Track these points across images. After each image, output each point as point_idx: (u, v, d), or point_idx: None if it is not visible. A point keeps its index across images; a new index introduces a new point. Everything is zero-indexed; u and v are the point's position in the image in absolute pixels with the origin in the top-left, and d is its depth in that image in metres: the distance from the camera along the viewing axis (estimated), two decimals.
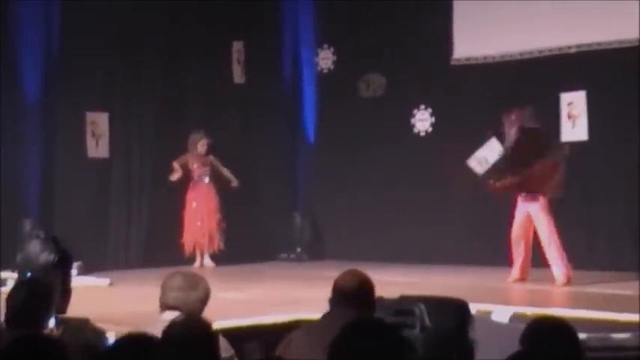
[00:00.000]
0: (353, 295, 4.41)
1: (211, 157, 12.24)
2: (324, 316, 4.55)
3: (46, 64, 11.47)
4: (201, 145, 12.18)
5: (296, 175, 13.54)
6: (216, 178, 12.27)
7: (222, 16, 12.70)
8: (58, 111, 11.55)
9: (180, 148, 12.34)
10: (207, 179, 12.20)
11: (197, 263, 12.08)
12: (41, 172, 11.41)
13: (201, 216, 12.11)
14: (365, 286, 4.51)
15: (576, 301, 8.17)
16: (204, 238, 12.12)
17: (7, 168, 11.10)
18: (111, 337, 4.67)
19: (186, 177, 12.18)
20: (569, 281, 9.60)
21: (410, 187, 12.32)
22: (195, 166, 12.18)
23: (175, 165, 12.03)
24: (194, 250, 12.13)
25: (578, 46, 11.22)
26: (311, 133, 13.54)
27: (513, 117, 9.88)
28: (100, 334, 4.65)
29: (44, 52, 11.44)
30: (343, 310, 4.31)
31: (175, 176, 12.01)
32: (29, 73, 11.32)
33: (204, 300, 4.54)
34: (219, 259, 12.21)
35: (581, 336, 4.67)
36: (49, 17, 11.46)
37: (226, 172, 12.26)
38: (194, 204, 12.15)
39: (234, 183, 12.26)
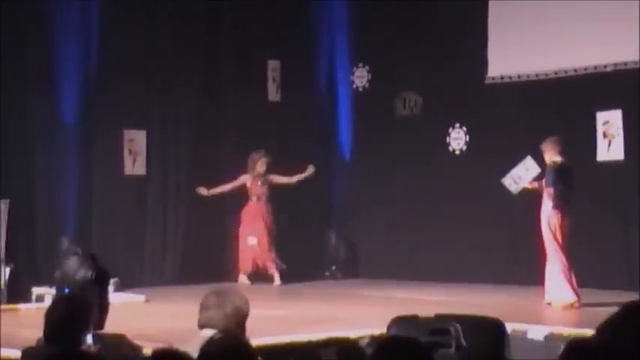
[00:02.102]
0: None
1: (271, 176, 12.23)
2: None
3: (84, 82, 11.58)
4: (261, 165, 12.16)
5: (331, 193, 13.55)
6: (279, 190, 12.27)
7: (259, 35, 12.77)
8: (95, 129, 11.66)
9: (216, 165, 12.42)
10: (261, 200, 12.20)
11: (244, 279, 12.07)
12: (78, 189, 11.50)
13: (257, 235, 12.09)
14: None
15: None
16: (260, 258, 12.11)
17: (44, 185, 11.22)
18: (147, 354, 4.70)
19: (243, 196, 12.24)
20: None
21: (445, 206, 12.30)
22: (252, 185, 12.18)
23: (207, 192, 12.03)
24: (251, 269, 12.13)
25: (615, 64, 11.17)
26: (346, 151, 13.56)
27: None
28: (137, 351, 4.68)
29: (82, 70, 11.56)
30: None
31: (205, 192, 12.02)
32: (67, 92, 11.43)
33: (235, 317, 4.52)
34: (252, 277, 12.24)
35: None
36: (87, 36, 11.58)
37: (290, 178, 12.24)
38: (249, 224, 12.13)
39: (309, 171, 12.24)
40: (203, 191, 12.03)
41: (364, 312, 9.14)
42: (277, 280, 12.11)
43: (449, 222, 12.26)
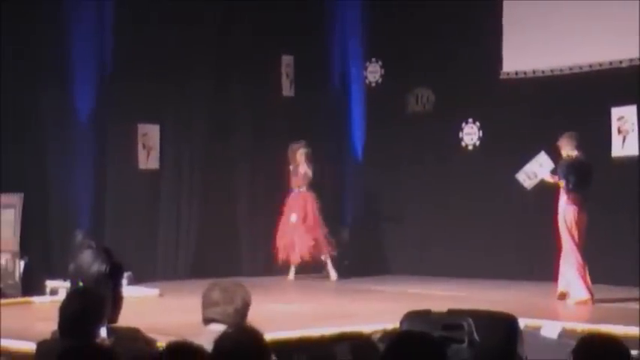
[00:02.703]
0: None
1: (303, 167, 12.11)
2: None
3: (98, 77, 11.62)
4: (300, 155, 12.11)
5: (344, 188, 13.55)
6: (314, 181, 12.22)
7: (272, 31, 12.77)
8: (109, 123, 11.69)
9: (229, 159, 12.43)
10: (302, 190, 12.11)
11: (291, 275, 11.98)
12: (92, 183, 11.54)
13: (302, 227, 11.97)
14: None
15: (627, 318, 8.06)
16: (303, 249, 11.95)
17: (59, 179, 11.27)
18: (161, 347, 4.71)
19: (286, 186, 12.21)
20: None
21: (457, 202, 12.29)
22: (294, 176, 12.15)
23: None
24: (288, 261, 12.00)
25: (630, 60, 11.12)
26: (359, 146, 13.56)
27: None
28: (151, 344, 4.70)
29: (96, 64, 11.59)
30: None
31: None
32: (81, 86, 11.47)
33: (243, 311, 4.54)
34: (265, 271, 12.25)
35: (634, 352, 4.63)
36: (102, 31, 11.61)
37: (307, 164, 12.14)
38: (293, 215, 12.04)
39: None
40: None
41: (377, 307, 9.15)
42: (332, 275, 12.05)
43: (461, 218, 12.25)
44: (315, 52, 13.26)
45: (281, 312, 8.92)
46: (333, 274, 12.05)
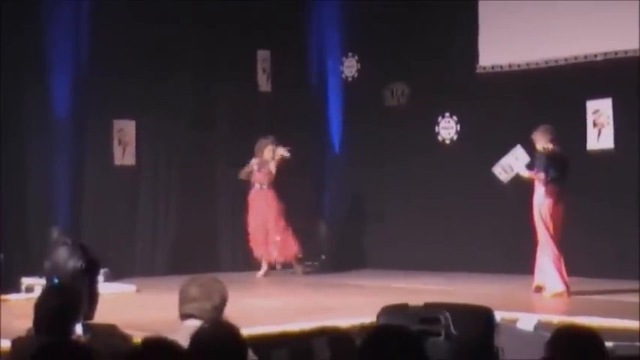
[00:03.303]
0: None
1: (271, 164, 11.86)
2: None
3: (75, 72, 11.57)
4: (268, 152, 11.85)
5: (321, 183, 13.56)
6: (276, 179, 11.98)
7: (249, 26, 12.75)
8: (86, 119, 11.65)
9: (206, 155, 12.41)
10: (265, 186, 11.87)
11: (262, 272, 11.82)
12: (69, 179, 11.49)
13: (265, 226, 11.79)
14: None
15: (603, 310, 8.13)
16: (271, 248, 11.84)
17: (35, 176, 11.22)
18: (137, 343, 4.70)
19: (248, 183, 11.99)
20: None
21: (435, 195, 12.32)
22: (256, 171, 11.89)
23: (245, 174, 11.85)
24: (261, 258, 11.88)
25: (605, 54, 11.19)
26: (336, 141, 13.57)
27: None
28: (128, 341, 4.69)
29: (73, 59, 11.55)
30: None
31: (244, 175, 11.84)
32: (57, 81, 11.42)
33: (221, 307, 4.55)
34: (243, 267, 12.24)
35: (608, 344, 4.66)
36: (78, 25, 11.56)
37: (275, 161, 11.89)
38: (257, 213, 11.83)
39: (284, 153, 11.86)
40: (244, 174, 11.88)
41: (355, 301, 9.16)
42: (299, 272, 12.01)
43: (439, 212, 12.28)
44: (291, 48, 13.25)
45: (260, 307, 8.92)
46: (299, 271, 12.03)
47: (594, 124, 11.26)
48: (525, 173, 9.87)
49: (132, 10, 11.75)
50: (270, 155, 11.86)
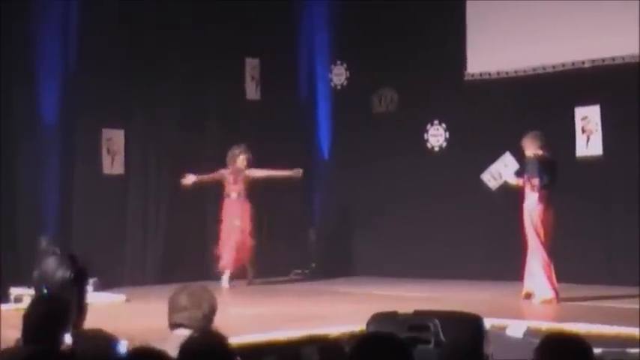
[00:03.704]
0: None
1: (250, 171, 11.68)
2: None
3: (63, 80, 11.55)
4: (241, 161, 11.66)
5: (311, 190, 13.56)
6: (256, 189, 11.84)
7: (238, 34, 12.76)
8: (75, 128, 11.63)
9: (196, 164, 12.39)
10: (241, 196, 11.67)
11: (226, 280, 11.56)
12: (57, 188, 11.46)
13: (237, 235, 11.61)
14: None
15: (592, 316, 8.14)
16: (240, 257, 11.65)
17: (23, 185, 11.19)
18: (123, 344, 4.69)
19: (221, 192, 11.81)
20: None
21: (424, 203, 12.33)
22: (231, 181, 11.70)
23: (195, 178, 11.59)
24: (231, 267, 11.65)
25: (593, 60, 11.23)
26: (325, 149, 13.58)
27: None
28: (111, 341, 4.66)
29: (61, 68, 11.53)
30: None
31: (187, 182, 11.57)
32: (46, 90, 11.40)
33: (210, 316, 4.55)
34: (232, 275, 12.21)
35: (597, 351, 4.67)
36: (66, 34, 11.55)
37: (273, 172, 11.75)
38: (234, 222, 11.64)
39: (296, 173, 11.77)
40: (188, 180, 11.61)
41: (345, 309, 9.16)
42: (251, 280, 11.87)
43: (428, 219, 12.29)
44: (281, 55, 13.26)
45: (249, 315, 8.91)
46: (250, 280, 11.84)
47: (583, 131, 11.29)
48: (513, 180, 9.89)
49: (120, 17, 11.74)
50: (243, 164, 11.67)
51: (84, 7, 11.54)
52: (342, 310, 9.08)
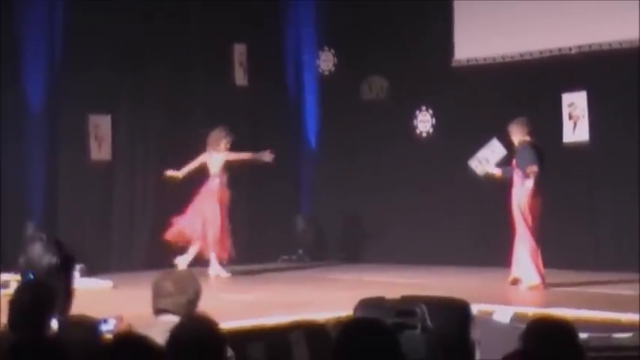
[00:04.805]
0: None
1: (228, 155, 11.28)
2: None
3: (49, 67, 11.50)
4: (225, 144, 11.26)
5: (298, 177, 13.55)
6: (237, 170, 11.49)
7: (225, 20, 12.72)
8: (60, 114, 11.58)
9: (183, 149, 12.36)
10: (223, 180, 11.27)
11: (185, 259, 11.10)
12: (44, 174, 11.43)
13: (208, 218, 11.13)
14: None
15: (578, 302, 8.18)
16: (211, 242, 11.18)
17: (10, 171, 11.13)
18: (110, 322, 4.66)
19: (202, 174, 11.36)
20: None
21: (412, 189, 12.34)
22: (212, 164, 11.30)
23: (180, 174, 11.25)
24: (181, 243, 11.17)
25: (579, 47, 11.24)
26: (313, 135, 13.56)
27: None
28: (96, 325, 4.65)
29: (47, 55, 11.48)
30: None
31: (175, 175, 11.26)
32: (32, 76, 11.35)
33: (195, 301, 4.54)
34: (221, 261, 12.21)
35: (583, 336, 4.69)
36: (52, 20, 11.50)
37: (248, 155, 11.37)
38: (205, 205, 11.16)
39: (267, 157, 11.34)
40: (172, 173, 11.36)
41: (332, 295, 9.17)
42: (219, 269, 11.18)
43: (416, 205, 12.30)
44: (268, 41, 13.23)
45: (236, 301, 8.91)
46: (214, 271, 11.16)
47: (570, 117, 11.31)
48: (496, 171, 9.90)
49: (107, 3, 11.67)
50: (225, 148, 11.29)
51: None
52: (330, 296, 9.09)
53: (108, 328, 4.48)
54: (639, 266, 9.95)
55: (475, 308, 5.20)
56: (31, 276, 5.64)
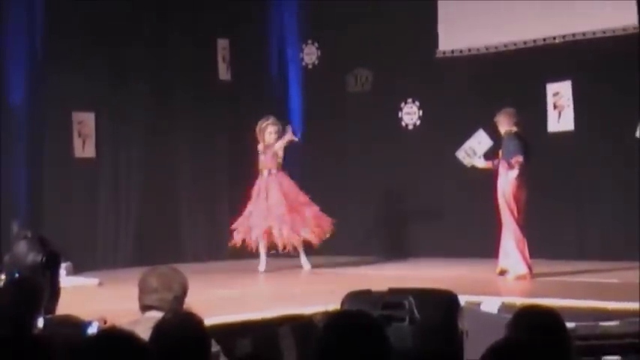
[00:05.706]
0: None
1: (275, 146, 10.83)
2: None
3: (31, 63, 11.43)
4: (269, 134, 10.83)
5: (284, 170, 13.49)
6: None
7: (208, 14, 12.68)
8: (44, 111, 11.51)
9: (167, 145, 12.33)
10: (274, 170, 10.90)
11: (262, 266, 10.92)
12: (29, 172, 11.36)
13: (273, 210, 10.74)
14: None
15: (565, 291, 8.20)
16: (280, 229, 10.76)
17: None
18: (94, 326, 4.65)
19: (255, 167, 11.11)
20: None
21: (399, 181, 12.33)
22: (263, 157, 10.90)
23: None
24: (249, 245, 10.95)
25: (563, 36, 11.25)
26: (298, 129, 13.51)
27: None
28: (81, 325, 4.63)
29: (29, 51, 11.40)
30: None
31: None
32: (14, 73, 11.27)
33: (182, 297, 4.53)
34: (205, 257, 12.19)
35: (570, 325, 4.69)
36: (33, 16, 11.42)
37: (283, 142, 10.94)
38: (266, 198, 10.77)
39: (291, 136, 10.93)
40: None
41: (319, 289, 9.16)
42: (305, 262, 10.96)
43: (402, 197, 12.30)
44: (251, 36, 13.19)
45: (223, 297, 8.89)
46: (305, 263, 11.05)
47: (554, 107, 11.33)
48: (482, 164, 9.89)
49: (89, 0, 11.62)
50: (272, 138, 10.85)
51: None
52: (317, 290, 9.09)
53: (92, 331, 4.45)
54: (625, 254, 9.99)
55: (463, 299, 5.19)
56: (17, 274, 5.60)
